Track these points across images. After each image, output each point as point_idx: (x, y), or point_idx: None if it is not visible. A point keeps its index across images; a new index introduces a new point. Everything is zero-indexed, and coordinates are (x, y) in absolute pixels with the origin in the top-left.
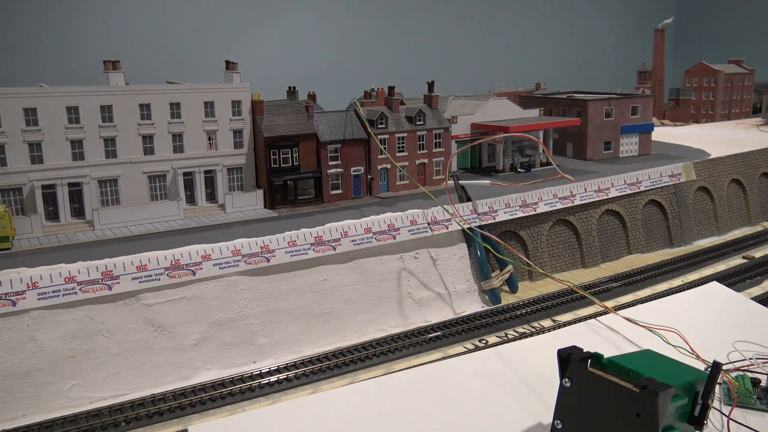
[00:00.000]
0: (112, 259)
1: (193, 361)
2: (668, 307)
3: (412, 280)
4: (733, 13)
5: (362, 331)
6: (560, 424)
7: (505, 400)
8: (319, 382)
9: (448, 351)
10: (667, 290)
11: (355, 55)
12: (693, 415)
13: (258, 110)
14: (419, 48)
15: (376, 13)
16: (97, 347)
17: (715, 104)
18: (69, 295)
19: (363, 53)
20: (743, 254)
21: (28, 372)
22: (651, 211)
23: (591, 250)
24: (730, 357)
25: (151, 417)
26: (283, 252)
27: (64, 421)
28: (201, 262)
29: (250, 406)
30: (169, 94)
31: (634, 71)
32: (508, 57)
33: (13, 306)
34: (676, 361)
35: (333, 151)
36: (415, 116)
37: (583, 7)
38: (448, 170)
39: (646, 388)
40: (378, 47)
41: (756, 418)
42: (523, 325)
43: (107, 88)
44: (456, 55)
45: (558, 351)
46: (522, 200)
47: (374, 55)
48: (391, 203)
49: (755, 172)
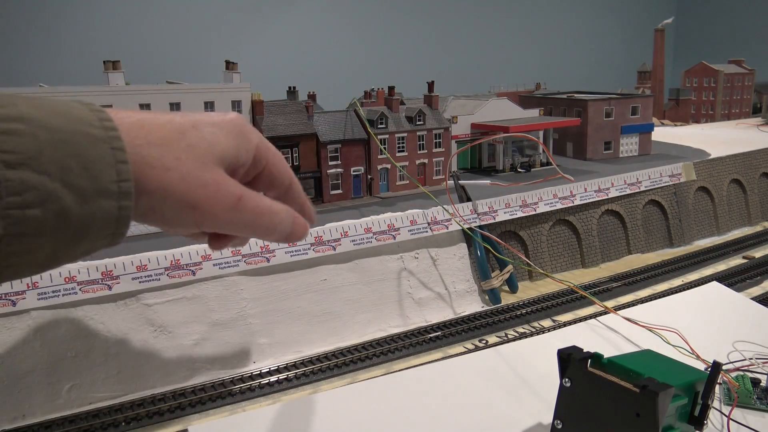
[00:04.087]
0: (112, 259)
1: (193, 361)
2: (668, 307)
3: (412, 280)
4: (733, 13)
5: (362, 331)
6: (560, 424)
7: (505, 400)
8: (319, 382)
9: (448, 351)
10: (667, 290)
11: (355, 55)
12: (693, 415)
13: (258, 110)
14: (419, 48)
15: (376, 13)
16: (97, 347)
17: (715, 104)
18: (69, 295)
19: (363, 53)
20: (743, 254)
21: (27, 372)
22: (651, 211)
23: (591, 250)
24: (730, 357)
25: (151, 417)
26: (283, 252)
27: (64, 421)
28: (201, 262)
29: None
30: (169, 94)
31: (634, 71)
32: (508, 57)
33: (13, 306)
34: (676, 361)
35: (333, 151)
36: (415, 116)
37: (583, 7)
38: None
39: (646, 388)
40: (378, 47)
41: (756, 418)
42: (523, 325)
43: (107, 88)
44: (456, 55)
45: (558, 351)
46: (522, 200)
47: (374, 55)
48: (391, 203)
49: (755, 172)
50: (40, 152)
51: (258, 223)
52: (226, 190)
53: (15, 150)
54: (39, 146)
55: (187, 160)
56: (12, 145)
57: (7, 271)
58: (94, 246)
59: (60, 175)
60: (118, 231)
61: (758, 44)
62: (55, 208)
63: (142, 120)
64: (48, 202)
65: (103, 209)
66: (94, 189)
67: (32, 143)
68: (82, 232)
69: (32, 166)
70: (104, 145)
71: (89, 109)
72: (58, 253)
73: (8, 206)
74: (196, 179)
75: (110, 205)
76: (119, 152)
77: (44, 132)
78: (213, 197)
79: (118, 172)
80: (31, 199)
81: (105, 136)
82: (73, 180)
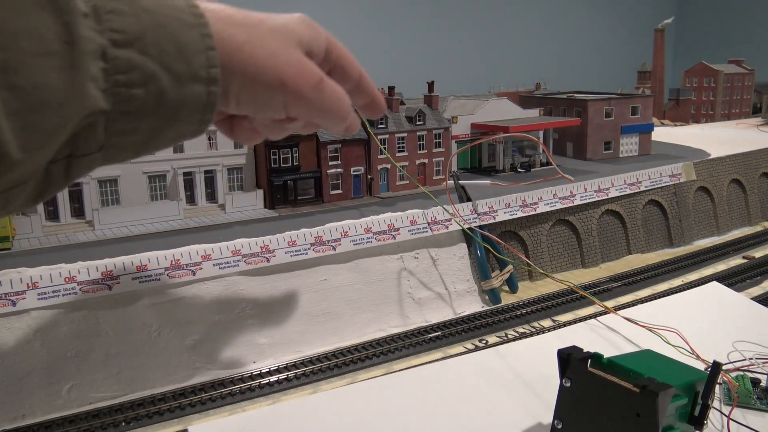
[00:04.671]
0: (112, 259)
1: (193, 361)
2: (668, 307)
3: (412, 280)
4: (733, 13)
5: (362, 331)
6: (560, 424)
7: (505, 400)
8: (319, 382)
9: (448, 351)
10: (667, 290)
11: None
12: (693, 415)
13: None
14: (419, 48)
15: (376, 13)
16: (97, 347)
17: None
18: (69, 295)
19: (363, 53)
20: (743, 254)
21: (27, 372)
22: (651, 211)
23: (591, 250)
24: (730, 357)
25: (151, 417)
26: (283, 252)
27: (64, 421)
28: (201, 262)
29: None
30: None
31: (634, 71)
32: (508, 57)
33: (13, 306)
34: (676, 361)
35: (333, 151)
36: (415, 116)
37: (583, 7)
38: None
39: (646, 388)
40: (378, 47)
41: (756, 418)
42: (523, 325)
43: None
44: (456, 55)
45: (558, 351)
46: (522, 200)
47: (374, 55)
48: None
49: (755, 172)
50: (144, 33)
51: (335, 107)
52: (311, 69)
53: (122, 29)
54: (142, 28)
55: (272, 41)
56: (120, 25)
57: (109, 152)
58: (183, 131)
59: (160, 57)
60: (204, 117)
61: (758, 44)
62: (155, 89)
63: (222, 7)
64: (150, 82)
65: (194, 93)
66: (188, 73)
67: (136, 24)
68: (175, 115)
69: (136, 47)
70: (195, 32)
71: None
72: (154, 135)
73: (116, 84)
74: (283, 55)
75: (200, 89)
76: (208, 39)
77: (145, 14)
78: (300, 74)
79: (208, 58)
80: (135, 78)
81: (195, 23)
82: (170, 63)
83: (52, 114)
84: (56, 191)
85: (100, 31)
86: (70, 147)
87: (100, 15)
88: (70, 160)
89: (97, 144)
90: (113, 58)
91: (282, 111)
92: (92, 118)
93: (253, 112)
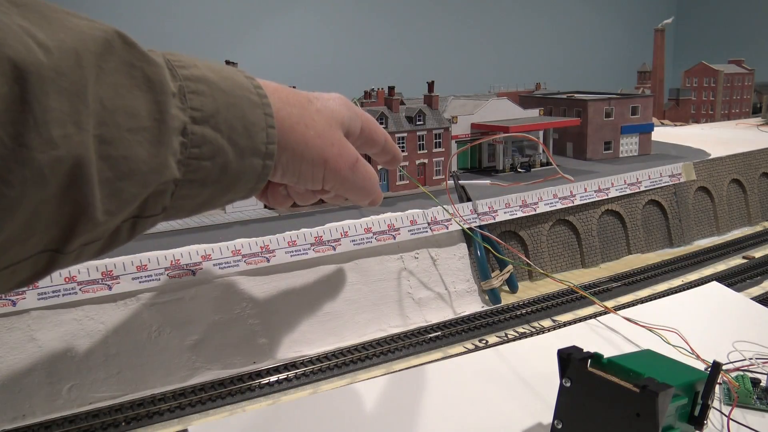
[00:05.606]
0: (112, 259)
1: (193, 361)
2: (668, 307)
3: (412, 280)
4: (733, 13)
5: (362, 331)
6: (560, 424)
7: (505, 400)
8: (319, 382)
9: (448, 351)
10: (667, 290)
11: (355, 55)
12: (693, 415)
13: None
14: (419, 48)
15: (376, 13)
16: (97, 347)
17: (715, 104)
18: (69, 295)
19: (363, 53)
20: (743, 254)
21: (27, 372)
22: (651, 211)
23: (591, 250)
24: (730, 357)
25: (151, 417)
26: (283, 252)
27: (64, 421)
28: (201, 262)
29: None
30: None
31: (634, 71)
32: (508, 57)
33: (13, 306)
34: (676, 361)
35: None
36: (415, 116)
37: (583, 7)
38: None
39: (646, 388)
40: (378, 47)
41: (756, 418)
42: (523, 325)
43: None
44: (456, 55)
45: (558, 351)
46: (522, 200)
47: (374, 55)
48: (391, 203)
49: (755, 172)
50: (217, 112)
51: (366, 186)
52: (349, 150)
53: (201, 108)
54: (217, 107)
55: (319, 122)
56: (199, 104)
57: (169, 213)
58: (235, 197)
59: (228, 133)
60: (256, 186)
61: (758, 44)
62: (221, 161)
63: (278, 87)
64: (217, 156)
65: (252, 166)
66: (250, 147)
67: (212, 104)
68: (233, 185)
69: (211, 124)
70: (259, 111)
71: (244, 75)
72: (211, 200)
73: (190, 156)
74: (328, 137)
75: (258, 163)
76: (269, 118)
77: (220, 94)
78: (340, 155)
79: (268, 135)
80: (206, 151)
81: (260, 102)
82: (237, 139)
83: (137, 183)
84: (119, 246)
85: (183, 109)
86: (139, 209)
87: (184, 94)
88: (136, 220)
89: (163, 206)
90: (191, 133)
91: (319, 184)
92: (165, 186)
93: (294, 183)
